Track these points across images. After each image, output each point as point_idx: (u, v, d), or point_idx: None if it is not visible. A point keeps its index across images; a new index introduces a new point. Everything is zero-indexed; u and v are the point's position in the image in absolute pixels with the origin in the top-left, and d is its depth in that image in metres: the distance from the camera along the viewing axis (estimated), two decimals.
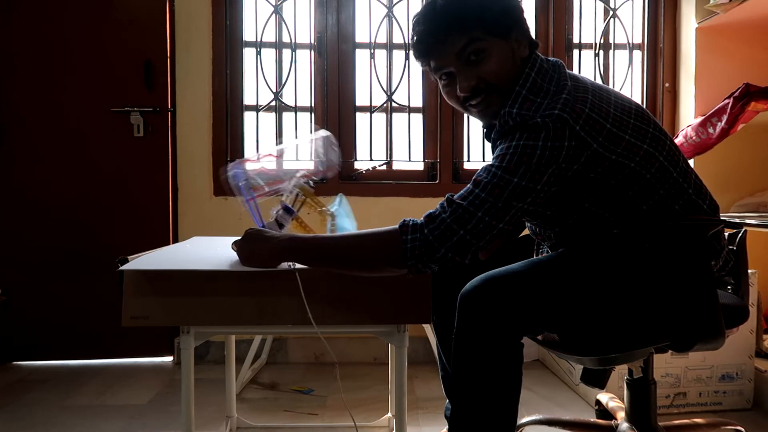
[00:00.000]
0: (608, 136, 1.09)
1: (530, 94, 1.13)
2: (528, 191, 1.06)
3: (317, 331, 1.16)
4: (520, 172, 1.05)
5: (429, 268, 1.09)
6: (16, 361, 2.54)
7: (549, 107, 1.09)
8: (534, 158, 1.05)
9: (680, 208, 1.15)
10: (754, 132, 2.34)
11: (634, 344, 1.16)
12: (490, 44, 1.15)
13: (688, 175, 1.19)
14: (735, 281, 1.30)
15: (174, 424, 1.88)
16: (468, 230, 1.05)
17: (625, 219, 1.15)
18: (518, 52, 1.18)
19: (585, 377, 1.33)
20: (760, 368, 1.97)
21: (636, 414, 1.37)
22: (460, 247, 1.06)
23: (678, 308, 1.10)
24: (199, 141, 2.52)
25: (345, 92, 2.59)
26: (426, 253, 1.06)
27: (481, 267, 1.23)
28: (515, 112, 1.12)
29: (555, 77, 1.15)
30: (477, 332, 1.06)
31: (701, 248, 1.12)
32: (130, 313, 1.18)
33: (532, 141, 1.06)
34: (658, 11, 2.60)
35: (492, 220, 1.05)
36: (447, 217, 1.06)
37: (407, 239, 1.07)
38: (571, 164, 1.08)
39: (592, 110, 1.09)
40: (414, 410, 1.99)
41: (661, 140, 1.15)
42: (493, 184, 1.06)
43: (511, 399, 1.09)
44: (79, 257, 2.52)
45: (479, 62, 1.15)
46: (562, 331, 1.14)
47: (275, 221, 1.36)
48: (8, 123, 2.49)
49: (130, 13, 2.49)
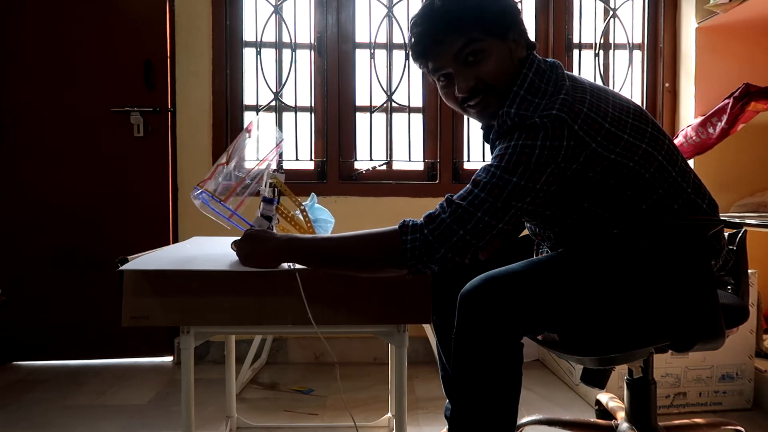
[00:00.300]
0: (607, 136, 1.09)
1: (528, 94, 1.14)
2: (527, 191, 1.06)
3: (317, 331, 1.16)
4: (519, 171, 1.05)
5: (429, 269, 1.09)
6: (16, 361, 2.54)
7: (547, 107, 1.09)
8: (533, 158, 1.05)
9: (679, 208, 1.15)
10: (754, 132, 2.34)
11: (634, 344, 1.16)
12: (489, 45, 1.15)
13: (687, 174, 1.19)
14: (735, 281, 1.30)
15: (174, 424, 1.88)
16: (468, 230, 1.05)
17: (625, 218, 1.15)
18: (516, 52, 1.18)
19: (585, 377, 1.33)
20: (760, 368, 1.97)
21: (636, 414, 1.37)
22: (460, 248, 1.06)
23: (678, 308, 1.10)
24: (199, 141, 2.52)
25: (345, 92, 2.59)
26: (426, 254, 1.06)
27: (481, 267, 1.23)
28: (513, 112, 1.12)
29: (553, 78, 1.16)
30: (477, 332, 1.06)
31: (701, 248, 1.12)
32: (130, 313, 1.18)
33: (530, 141, 1.06)
34: (658, 11, 2.60)
35: (492, 219, 1.05)
36: (447, 218, 1.06)
37: (407, 239, 1.07)
38: (570, 163, 1.08)
39: (590, 110, 1.09)
40: (414, 410, 1.99)
41: (659, 140, 1.15)
42: (492, 183, 1.06)
43: (511, 399, 1.09)
44: (79, 257, 2.52)
45: (477, 63, 1.15)
46: (562, 331, 1.14)
47: (261, 217, 1.36)
48: (8, 123, 2.49)
49: (130, 13, 2.49)
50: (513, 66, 1.17)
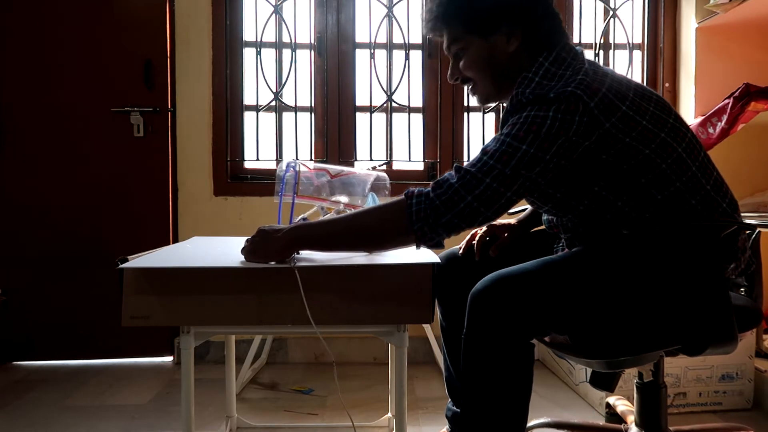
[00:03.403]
0: (623, 118, 1.08)
1: (543, 79, 1.15)
2: (536, 160, 1.06)
3: (317, 331, 1.16)
4: (529, 139, 1.05)
5: (436, 234, 1.08)
6: (16, 361, 2.54)
7: (563, 86, 1.09)
8: (544, 127, 1.05)
9: (697, 203, 1.13)
10: (754, 132, 2.34)
11: (646, 348, 1.14)
12: (467, 43, 1.22)
13: (709, 171, 1.17)
14: (748, 283, 1.28)
15: (174, 424, 1.88)
16: (476, 196, 1.05)
17: (638, 209, 1.13)
18: (504, 47, 1.20)
19: (594, 380, 1.31)
20: (760, 368, 1.97)
21: (646, 418, 1.36)
22: (467, 214, 1.06)
23: (690, 311, 1.09)
24: (199, 141, 2.52)
25: (345, 92, 2.59)
26: (432, 216, 1.06)
27: (491, 265, 1.22)
28: (528, 92, 1.13)
29: (573, 64, 1.16)
30: (488, 332, 1.06)
31: (714, 250, 1.10)
32: (130, 312, 1.18)
33: (542, 112, 1.07)
34: (658, 11, 2.60)
35: (500, 187, 1.05)
36: (455, 183, 1.06)
37: (412, 203, 1.08)
38: (581, 140, 1.07)
39: (609, 91, 1.09)
40: (414, 410, 1.99)
41: (681, 132, 1.14)
42: (502, 151, 1.06)
43: (521, 400, 1.08)
44: (79, 257, 2.52)
45: (459, 59, 1.24)
46: (573, 333, 1.12)
47: None
48: (8, 123, 2.49)
49: (130, 13, 2.49)
50: (502, 60, 1.21)
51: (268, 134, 2.59)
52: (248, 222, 2.50)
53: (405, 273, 1.21)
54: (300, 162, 1.44)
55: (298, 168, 1.41)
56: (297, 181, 1.41)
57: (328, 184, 1.46)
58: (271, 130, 2.59)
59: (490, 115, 2.63)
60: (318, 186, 1.44)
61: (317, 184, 1.44)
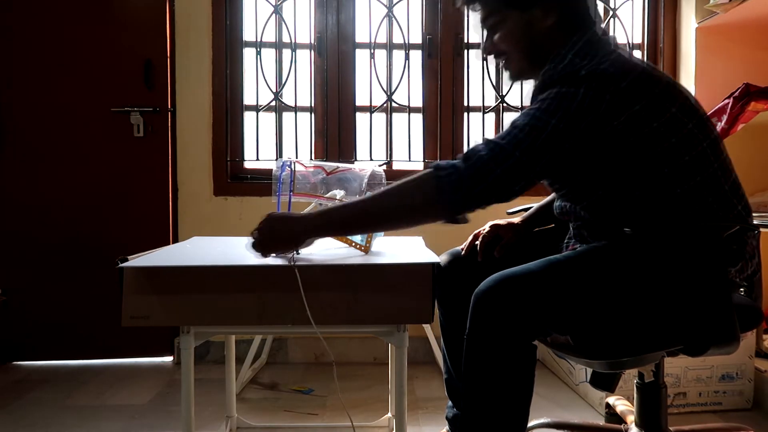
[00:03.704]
0: (653, 102, 1.08)
1: (576, 57, 1.15)
2: (566, 136, 1.06)
3: (317, 331, 1.16)
4: (559, 115, 1.05)
5: (467, 207, 1.08)
6: (16, 361, 2.54)
7: (596, 65, 1.09)
8: (574, 104, 1.05)
9: (713, 202, 1.13)
10: (754, 132, 2.33)
11: (648, 348, 1.14)
12: (504, 16, 1.21)
13: (729, 172, 1.17)
14: (748, 283, 1.27)
15: (174, 424, 1.88)
16: (505, 169, 1.05)
17: (656, 201, 1.12)
18: (541, 22, 1.19)
19: (594, 380, 1.31)
20: (760, 368, 1.97)
21: (647, 418, 1.36)
22: (496, 188, 1.06)
23: (692, 312, 1.09)
24: (199, 141, 2.52)
25: (345, 92, 2.59)
26: (463, 187, 1.06)
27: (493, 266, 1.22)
28: (560, 68, 1.14)
29: (605, 47, 1.17)
30: (491, 333, 1.05)
31: (717, 251, 1.10)
32: (129, 312, 1.18)
33: (573, 88, 1.07)
34: (658, 11, 2.60)
35: (529, 161, 1.05)
36: (485, 155, 1.06)
37: (441, 175, 1.07)
38: (610, 119, 1.06)
39: (641, 75, 1.09)
40: (414, 410, 1.99)
41: (708, 127, 1.14)
42: (532, 125, 1.06)
43: (523, 401, 1.08)
44: (79, 257, 2.52)
45: (494, 32, 1.23)
46: (575, 334, 1.12)
47: None
48: (8, 123, 2.49)
49: (130, 13, 2.50)
50: (537, 34, 1.20)
51: (268, 134, 2.59)
52: (248, 222, 2.50)
53: (405, 273, 1.21)
54: (295, 161, 1.45)
55: (294, 166, 1.42)
56: (293, 179, 1.41)
57: (324, 181, 1.47)
58: (271, 130, 2.59)
59: (490, 115, 2.63)
60: (314, 183, 1.45)
61: (313, 182, 1.44)
